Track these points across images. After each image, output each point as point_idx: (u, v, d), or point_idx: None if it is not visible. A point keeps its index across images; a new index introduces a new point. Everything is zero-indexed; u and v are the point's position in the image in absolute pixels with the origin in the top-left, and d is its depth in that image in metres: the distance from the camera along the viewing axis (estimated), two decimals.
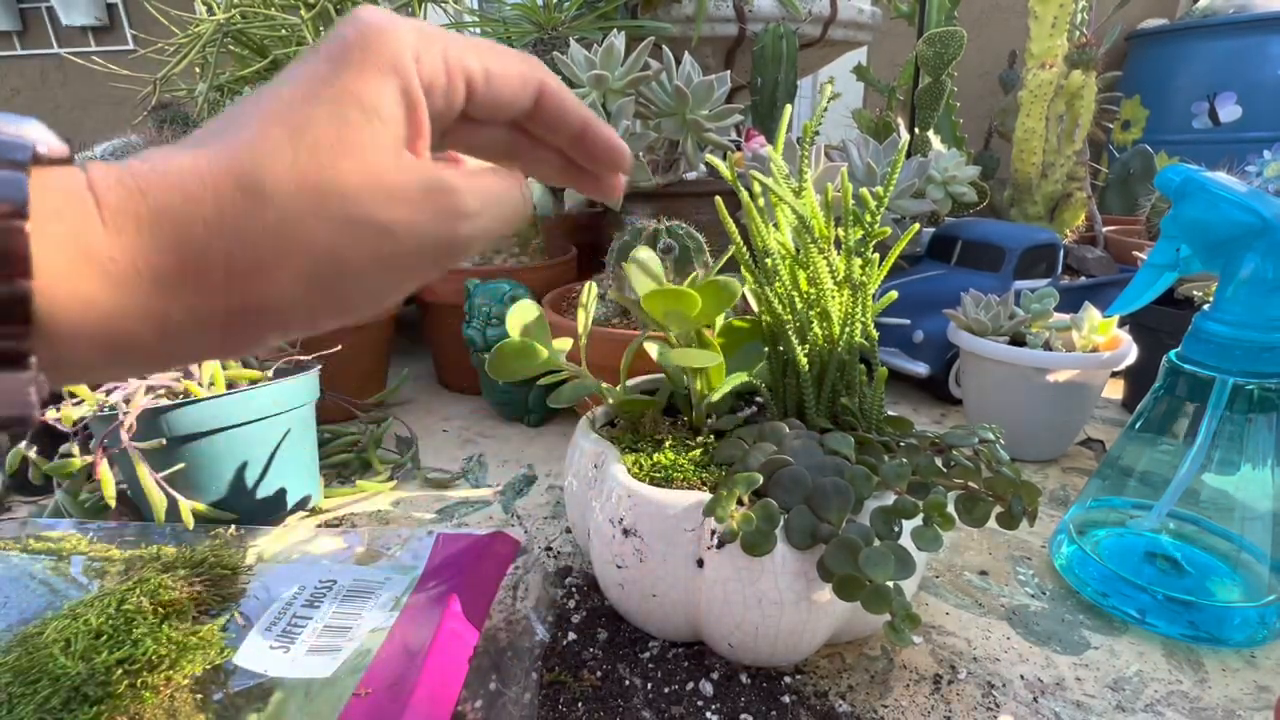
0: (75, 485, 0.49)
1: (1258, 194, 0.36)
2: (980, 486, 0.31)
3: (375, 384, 0.74)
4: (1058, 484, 0.55)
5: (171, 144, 0.18)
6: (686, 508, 0.32)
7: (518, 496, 0.55)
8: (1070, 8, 0.76)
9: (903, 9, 1.05)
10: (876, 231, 0.34)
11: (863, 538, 0.28)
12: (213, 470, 0.45)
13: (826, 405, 0.36)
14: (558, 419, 0.70)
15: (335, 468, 0.60)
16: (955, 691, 0.35)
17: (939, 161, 0.75)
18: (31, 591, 0.35)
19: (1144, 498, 0.42)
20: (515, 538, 0.41)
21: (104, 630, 0.31)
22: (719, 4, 0.75)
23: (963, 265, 0.74)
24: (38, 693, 0.28)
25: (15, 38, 2.07)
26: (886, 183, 0.34)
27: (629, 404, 0.39)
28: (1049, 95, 0.79)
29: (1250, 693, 0.34)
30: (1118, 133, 1.67)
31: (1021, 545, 0.47)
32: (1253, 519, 0.39)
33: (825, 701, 0.34)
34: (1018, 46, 1.05)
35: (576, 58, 0.66)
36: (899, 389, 0.73)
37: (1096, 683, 0.35)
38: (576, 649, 0.38)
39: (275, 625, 0.34)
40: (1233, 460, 0.38)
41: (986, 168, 1.14)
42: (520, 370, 0.37)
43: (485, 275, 0.68)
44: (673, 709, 0.34)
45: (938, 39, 0.88)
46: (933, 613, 0.41)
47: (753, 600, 0.31)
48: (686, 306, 0.32)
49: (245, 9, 1.00)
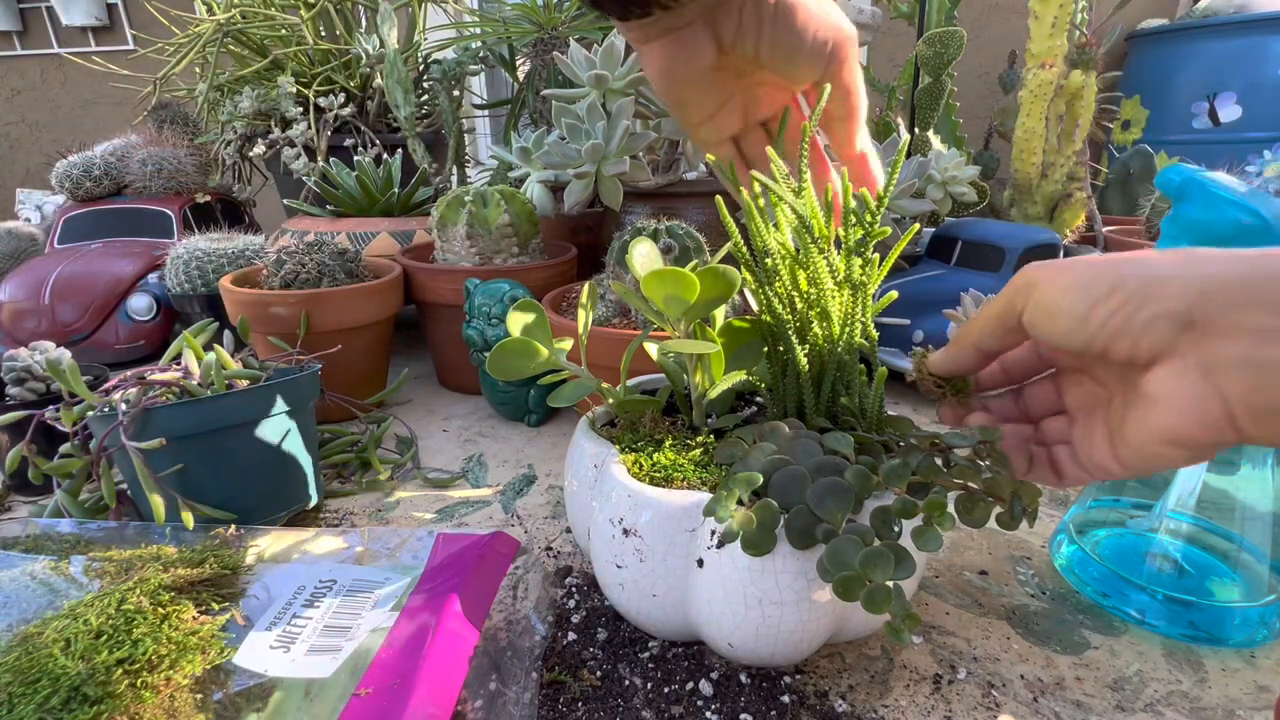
0: (75, 485, 0.49)
1: (1258, 194, 0.36)
2: (980, 487, 0.31)
3: (375, 384, 0.74)
4: None
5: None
6: (686, 508, 0.32)
7: (518, 496, 0.55)
8: (1070, 8, 0.76)
9: (902, 9, 1.05)
10: (876, 231, 0.34)
11: (862, 537, 0.28)
12: (213, 470, 0.45)
13: (826, 405, 0.36)
14: (558, 419, 0.70)
15: (335, 468, 0.60)
16: (955, 691, 0.35)
17: (939, 161, 0.75)
18: (31, 591, 0.35)
19: (1144, 498, 0.42)
20: (515, 538, 0.41)
21: (104, 630, 0.31)
22: None
23: (963, 265, 0.74)
24: (38, 692, 0.28)
25: (15, 37, 2.07)
26: (886, 182, 0.34)
27: (629, 404, 0.39)
28: (1049, 95, 0.79)
29: (1250, 692, 0.34)
30: (1118, 133, 1.67)
31: (1021, 545, 0.47)
32: (1252, 519, 0.39)
33: (825, 701, 0.34)
34: (1018, 46, 1.05)
35: (576, 58, 0.66)
36: (899, 389, 0.74)
37: (1096, 682, 0.35)
38: (576, 649, 0.38)
39: (275, 625, 0.34)
40: (1232, 460, 0.39)
41: (986, 168, 1.14)
42: (520, 370, 0.37)
43: (485, 275, 0.68)
44: (672, 709, 0.34)
45: (937, 39, 0.88)
46: (933, 612, 0.41)
47: (753, 600, 0.31)
48: (685, 289, 0.32)
49: (245, 9, 1.00)
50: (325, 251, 0.70)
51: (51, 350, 0.57)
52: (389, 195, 0.92)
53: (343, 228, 0.87)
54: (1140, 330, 0.23)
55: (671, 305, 0.34)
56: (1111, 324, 0.24)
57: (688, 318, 0.36)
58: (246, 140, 1.02)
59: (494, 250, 0.74)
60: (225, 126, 1.03)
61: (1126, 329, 0.23)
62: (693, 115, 0.37)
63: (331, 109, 0.98)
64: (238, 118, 1.00)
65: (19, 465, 0.48)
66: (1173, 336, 0.23)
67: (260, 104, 0.99)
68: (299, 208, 0.97)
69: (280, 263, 0.68)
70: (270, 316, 0.64)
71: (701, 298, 0.33)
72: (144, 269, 0.95)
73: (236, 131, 1.02)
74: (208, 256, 0.82)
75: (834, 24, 0.33)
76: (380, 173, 0.92)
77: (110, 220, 1.05)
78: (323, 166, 0.95)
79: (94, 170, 1.07)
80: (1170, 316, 0.23)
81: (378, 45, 1.02)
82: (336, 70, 1.03)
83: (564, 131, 0.65)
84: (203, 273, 0.81)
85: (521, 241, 0.75)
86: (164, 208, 1.05)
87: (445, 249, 0.75)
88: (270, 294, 0.65)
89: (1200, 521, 0.40)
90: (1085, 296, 0.24)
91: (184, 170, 1.09)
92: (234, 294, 0.66)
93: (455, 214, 0.73)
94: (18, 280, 0.91)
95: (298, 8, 1.02)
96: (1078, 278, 0.25)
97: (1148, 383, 0.24)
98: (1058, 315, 0.26)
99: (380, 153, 0.99)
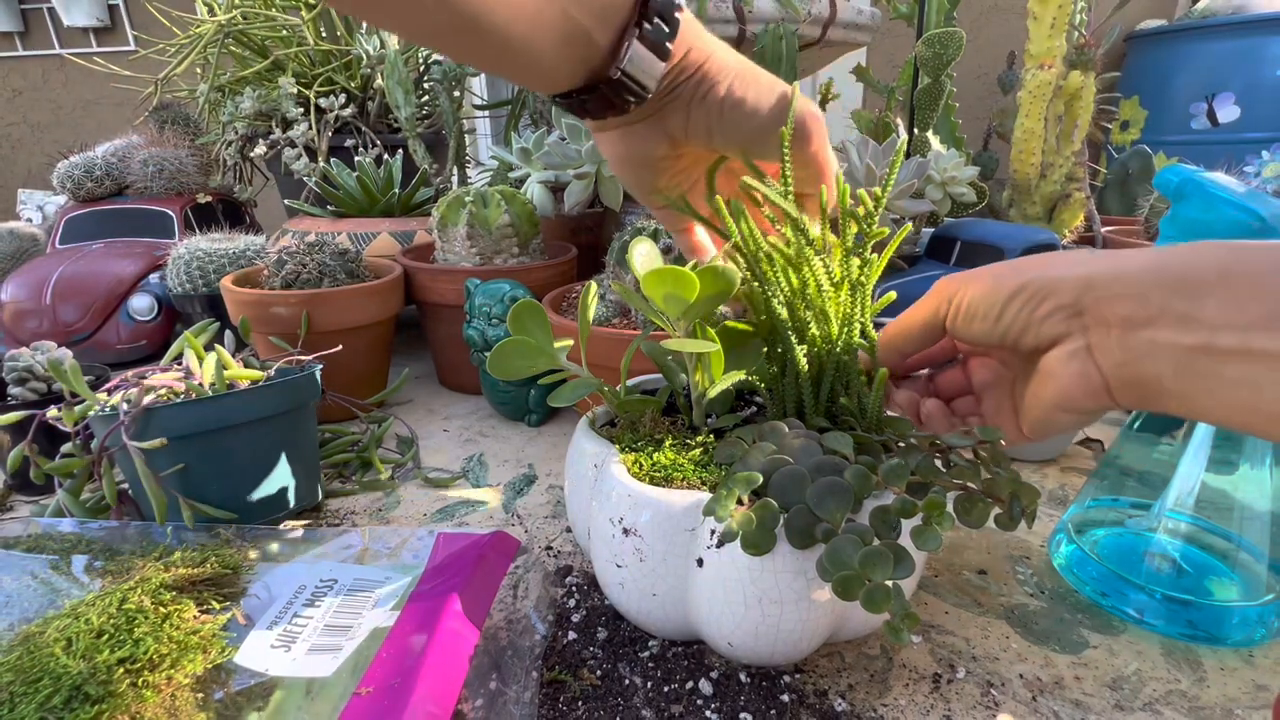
0: (76, 484, 0.49)
1: (1256, 194, 0.36)
2: (979, 487, 0.31)
3: (376, 384, 0.74)
4: (1056, 483, 0.55)
5: None
6: (686, 508, 0.32)
7: (518, 496, 0.55)
8: (1069, 8, 0.76)
9: (902, 10, 1.05)
10: (874, 232, 0.34)
11: (862, 537, 0.28)
12: (213, 470, 0.45)
13: (825, 405, 0.36)
14: (558, 419, 0.70)
15: (335, 467, 0.60)
16: (954, 690, 0.35)
17: (938, 162, 0.75)
18: (33, 590, 0.36)
19: (1143, 497, 0.42)
20: (515, 537, 0.41)
21: (105, 629, 0.31)
22: (719, 5, 0.75)
23: (962, 265, 0.74)
24: (39, 691, 0.28)
25: (17, 38, 2.07)
26: (885, 183, 0.34)
27: (629, 404, 0.39)
28: (1048, 96, 0.79)
29: (1248, 692, 0.35)
30: (1116, 133, 1.67)
31: (1020, 545, 0.47)
32: (1251, 518, 0.39)
33: (825, 700, 0.34)
34: (1016, 47, 1.06)
35: None
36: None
37: (1095, 681, 0.35)
38: (576, 648, 0.38)
39: (276, 624, 0.34)
40: (1231, 460, 0.39)
41: (985, 168, 1.14)
42: (521, 369, 0.37)
43: (485, 275, 0.68)
44: (672, 708, 0.34)
45: (937, 40, 0.88)
46: (932, 612, 0.41)
47: (752, 599, 0.31)
48: (685, 288, 0.32)
49: (246, 10, 1.00)
50: (326, 252, 0.70)
51: (53, 350, 0.58)
52: (390, 196, 0.92)
53: (344, 228, 0.88)
54: (1040, 321, 0.28)
55: (671, 304, 0.34)
56: (1020, 319, 0.28)
57: (687, 317, 0.36)
58: (248, 141, 1.02)
59: (494, 250, 0.74)
60: (226, 127, 1.04)
61: (1030, 322, 0.28)
62: (649, 198, 0.38)
63: (332, 109, 0.98)
64: (239, 118, 1.00)
65: (20, 465, 0.48)
66: (1066, 324, 0.27)
67: (261, 105, 0.99)
68: (300, 208, 0.97)
69: (281, 263, 0.68)
70: (271, 316, 0.64)
71: (701, 296, 0.33)
72: (145, 269, 0.95)
73: (238, 132, 1.02)
74: (209, 257, 0.82)
75: (794, 106, 0.33)
76: (381, 173, 0.92)
77: (112, 220, 1.06)
78: (324, 167, 0.95)
79: (95, 171, 1.07)
80: (1064, 308, 0.27)
81: (378, 46, 1.02)
82: (337, 71, 1.03)
83: (564, 132, 0.66)
84: (204, 273, 0.82)
85: (522, 242, 0.75)
86: (165, 208, 1.05)
87: (446, 249, 0.75)
88: (271, 294, 0.66)
89: (1199, 521, 0.40)
90: (997, 300, 0.29)
91: (185, 171, 1.09)
92: (235, 294, 0.66)
93: (456, 214, 0.73)
94: (19, 280, 0.91)
95: (299, 8, 1.02)
96: (990, 285, 0.29)
97: (1046, 362, 0.28)
98: (975, 319, 0.30)
99: (381, 153, 0.99)
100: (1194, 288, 0.24)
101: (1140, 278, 0.25)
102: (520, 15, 0.26)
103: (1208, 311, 0.23)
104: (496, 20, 0.26)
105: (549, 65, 0.29)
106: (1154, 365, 0.25)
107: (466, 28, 0.26)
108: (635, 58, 0.29)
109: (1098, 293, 0.26)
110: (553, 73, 0.30)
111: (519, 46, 0.27)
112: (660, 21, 0.29)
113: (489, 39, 0.27)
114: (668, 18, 0.29)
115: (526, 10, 0.26)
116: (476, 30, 0.26)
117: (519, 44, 0.27)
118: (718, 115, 0.32)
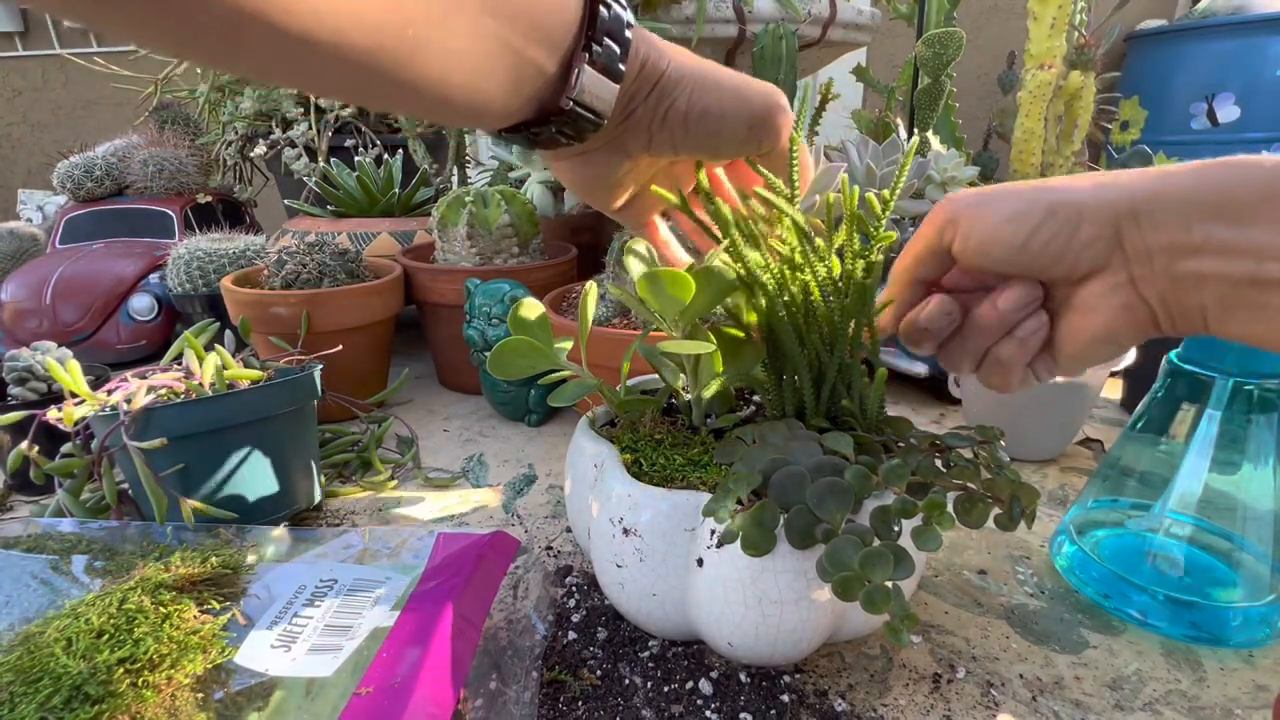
0: (76, 484, 0.49)
1: None
2: (979, 487, 0.31)
3: (376, 384, 0.74)
4: (1057, 484, 0.55)
5: None
6: (686, 508, 0.32)
7: (518, 496, 0.55)
8: (1069, 8, 0.76)
9: (902, 10, 1.05)
10: (881, 236, 0.33)
11: (862, 537, 0.28)
12: (213, 470, 0.45)
13: (826, 405, 0.36)
14: (558, 419, 0.70)
15: (335, 467, 0.60)
16: (954, 690, 0.35)
17: (938, 162, 0.75)
18: (33, 590, 0.36)
19: (1144, 498, 0.42)
20: (515, 537, 0.41)
21: (105, 629, 0.31)
22: (719, 5, 0.75)
23: None
24: (39, 691, 0.28)
25: (17, 38, 2.07)
26: (893, 185, 0.34)
27: (629, 404, 0.39)
28: (1048, 96, 0.79)
29: (1248, 692, 0.35)
30: (1116, 133, 1.67)
31: (1020, 545, 0.47)
32: (1253, 519, 0.39)
33: (825, 700, 0.34)
34: (1017, 47, 1.06)
35: None
36: (899, 389, 0.74)
37: (1095, 682, 0.35)
38: (576, 648, 0.38)
39: (276, 624, 0.34)
40: (1233, 460, 0.39)
41: (985, 168, 1.14)
42: (521, 369, 0.37)
43: (485, 275, 0.68)
44: (672, 708, 0.34)
45: (937, 40, 0.88)
46: (932, 612, 0.41)
47: (752, 600, 0.31)
48: (681, 289, 0.32)
49: None
50: (326, 252, 0.70)
51: (53, 350, 0.58)
52: (390, 196, 0.92)
53: (344, 228, 0.87)
54: (1077, 252, 0.27)
55: (668, 306, 0.34)
56: (1051, 249, 0.27)
57: (684, 318, 0.36)
58: (248, 141, 1.02)
59: (494, 250, 0.74)
60: (226, 127, 1.03)
61: (1065, 252, 0.27)
62: (611, 208, 0.36)
63: (332, 109, 0.98)
64: (239, 118, 1.00)
65: (21, 465, 0.48)
66: (1106, 255, 0.26)
67: (261, 105, 0.99)
68: (300, 208, 0.97)
69: (281, 263, 0.68)
70: (271, 317, 0.64)
71: (698, 298, 0.33)
72: (145, 269, 0.95)
73: (238, 132, 1.02)
74: (209, 257, 0.82)
75: (760, 99, 0.31)
76: (381, 173, 0.92)
77: (112, 220, 1.06)
78: (324, 167, 0.95)
79: (95, 171, 1.07)
80: (1103, 239, 0.26)
81: None
82: None
83: None
84: (204, 273, 0.82)
85: (522, 242, 0.75)
86: (165, 208, 1.05)
87: (446, 249, 0.75)
88: (271, 294, 0.66)
89: (1200, 522, 0.40)
90: (1022, 226, 0.27)
91: (185, 171, 1.09)
92: (235, 294, 0.66)
93: (456, 214, 0.73)
94: (19, 280, 0.91)
95: None
96: (1010, 209, 0.28)
97: (1085, 295, 0.28)
98: (993, 244, 0.28)
99: (381, 153, 0.99)
100: (1237, 212, 0.24)
101: (1181, 203, 0.25)
102: (458, 64, 0.23)
103: (1254, 239, 0.23)
104: (430, 74, 0.23)
105: (499, 107, 0.26)
106: (1199, 296, 0.25)
107: (394, 86, 0.22)
108: (587, 85, 0.26)
109: (1139, 220, 0.25)
110: (503, 111, 0.27)
111: (460, 97, 0.24)
112: (610, 42, 0.26)
113: (423, 92, 0.23)
114: (618, 37, 0.27)
115: (463, 56, 0.23)
116: (413, 87, 0.23)
117: (460, 92, 0.24)
118: (682, 132, 0.30)
